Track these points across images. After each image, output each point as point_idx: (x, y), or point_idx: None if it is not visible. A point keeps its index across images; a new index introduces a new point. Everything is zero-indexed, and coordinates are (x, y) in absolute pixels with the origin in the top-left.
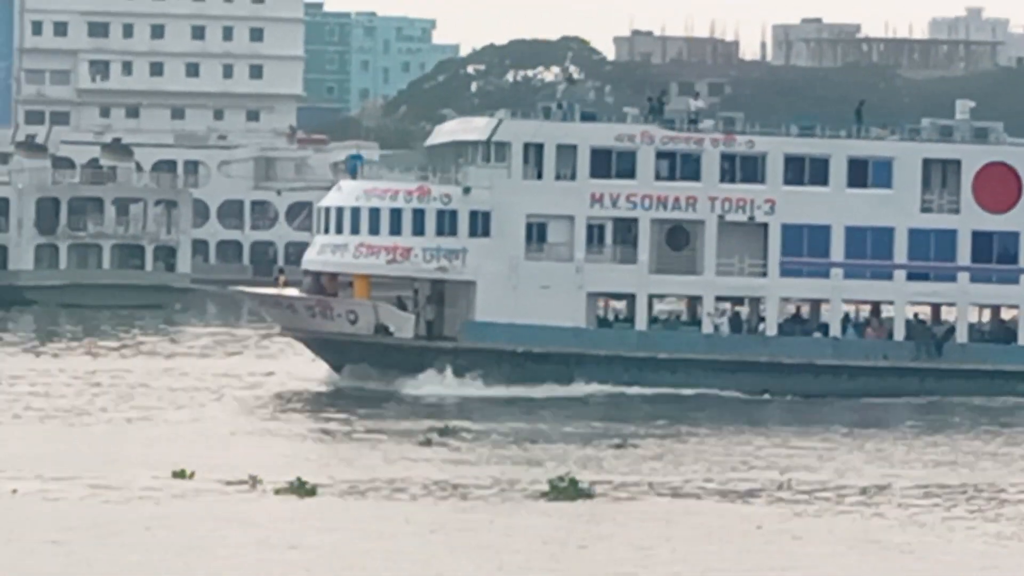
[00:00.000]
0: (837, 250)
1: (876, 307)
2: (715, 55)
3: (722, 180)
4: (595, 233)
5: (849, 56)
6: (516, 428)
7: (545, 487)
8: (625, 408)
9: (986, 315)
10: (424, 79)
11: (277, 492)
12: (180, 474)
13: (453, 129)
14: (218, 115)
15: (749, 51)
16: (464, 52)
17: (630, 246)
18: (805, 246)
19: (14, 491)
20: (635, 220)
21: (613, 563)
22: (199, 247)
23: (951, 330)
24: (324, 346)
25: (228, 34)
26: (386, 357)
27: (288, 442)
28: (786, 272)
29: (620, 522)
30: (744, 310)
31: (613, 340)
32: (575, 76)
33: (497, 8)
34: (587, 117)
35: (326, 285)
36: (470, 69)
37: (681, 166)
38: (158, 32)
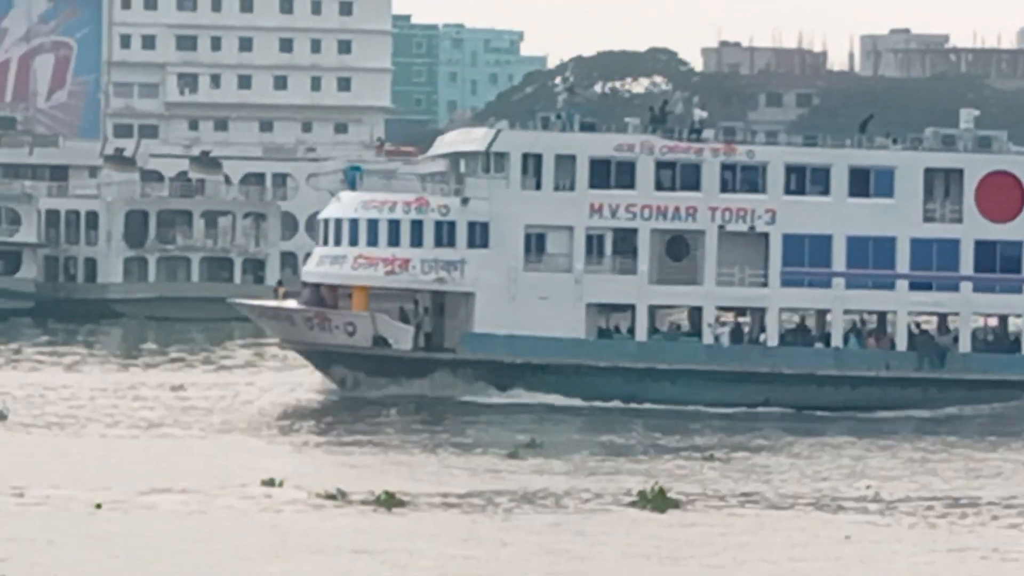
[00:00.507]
0: (839, 260)
1: (883, 317)
2: (803, 66)
3: (722, 190)
4: (594, 243)
5: (937, 66)
6: (601, 440)
7: (634, 497)
8: (703, 420)
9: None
10: (512, 91)
11: (364, 504)
12: (269, 482)
13: (453, 140)
14: (306, 127)
15: (837, 62)
16: (552, 63)
17: (630, 257)
18: (806, 256)
19: (98, 505)
20: (635, 230)
21: (705, 571)
22: (287, 259)
23: (954, 340)
24: (322, 358)
25: (316, 46)
26: (384, 368)
27: (371, 454)
28: (787, 282)
29: (709, 532)
30: (745, 321)
31: (613, 351)
32: (574, 86)
33: (585, 19)
34: (587, 127)
35: (326, 297)
36: (558, 81)
37: (681, 176)
38: (246, 45)
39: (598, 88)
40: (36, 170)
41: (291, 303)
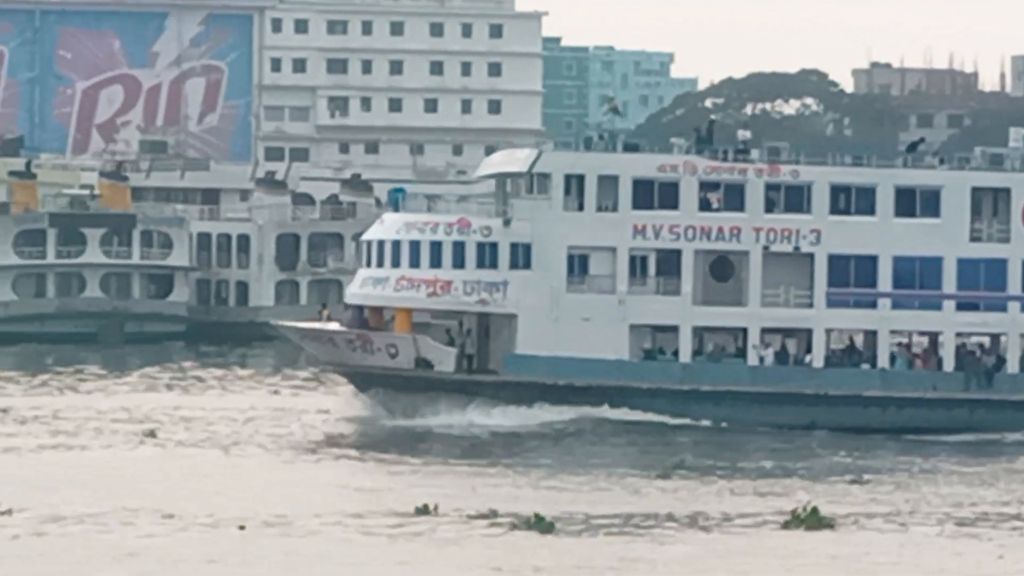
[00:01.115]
0: (885, 280)
1: (935, 338)
2: (954, 86)
3: (767, 210)
4: (638, 265)
5: None
6: (749, 463)
7: (787, 517)
8: (858, 441)
9: None
10: (662, 112)
11: (515, 527)
12: (423, 510)
13: (499, 161)
14: (457, 150)
15: (988, 82)
16: (702, 85)
17: (673, 277)
18: (852, 276)
19: (241, 527)
20: (678, 251)
21: None
22: None
23: (1001, 360)
24: (365, 380)
25: (466, 69)
26: (427, 390)
27: (523, 475)
28: (833, 303)
29: (858, 551)
30: (791, 342)
31: (657, 373)
32: (617, 106)
33: (735, 41)
34: (630, 148)
35: (370, 319)
36: (708, 102)
37: (725, 196)
38: (396, 68)
39: (748, 110)
40: (187, 194)
41: (334, 325)
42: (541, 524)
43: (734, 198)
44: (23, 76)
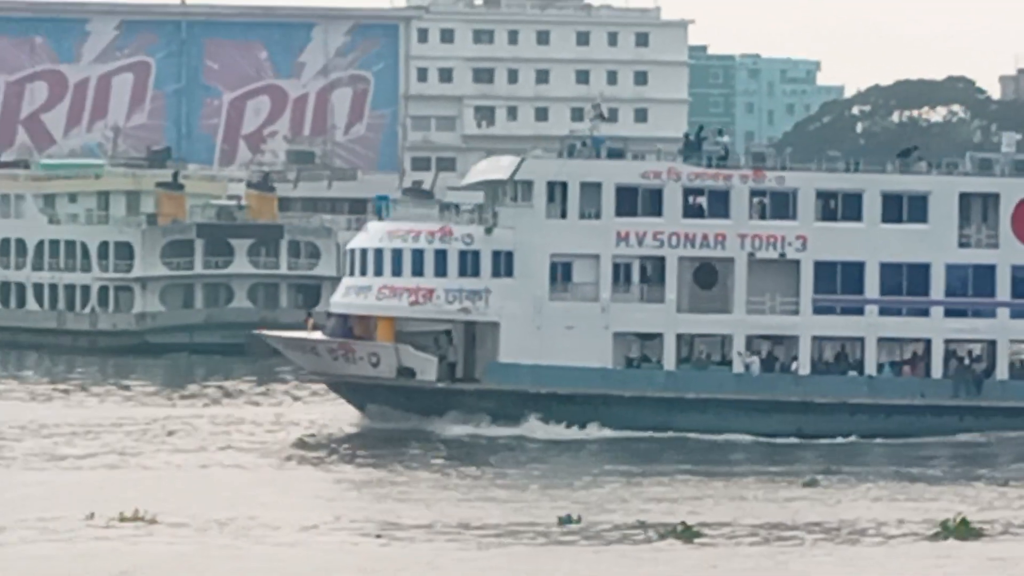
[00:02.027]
0: (872, 287)
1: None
2: None
3: (752, 217)
4: (621, 272)
5: None
6: (896, 469)
7: (936, 528)
8: (999, 447)
9: None
10: (809, 120)
11: (662, 537)
12: (567, 520)
13: (484, 169)
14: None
15: None
16: (849, 93)
17: (657, 285)
18: (838, 283)
19: (378, 536)
20: (662, 258)
21: None
22: None
23: (991, 367)
24: (347, 389)
25: (612, 78)
26: (408, 400)
27: (669, 484)
28: (819, 310)
29: (1015, 562)
30: (779, 349)
31: (640, 381)
32: (603, 112)
33: (882, 48)
34: (614, 154)
35: (355, 327)
36: (855, 110)
37: (709, 203)
38: (543, 77)
39: (895, 117)
40: (335, 204)
41: (317, 334)
42: (687, 533)
43: (719, 205)
44: (170, 88)
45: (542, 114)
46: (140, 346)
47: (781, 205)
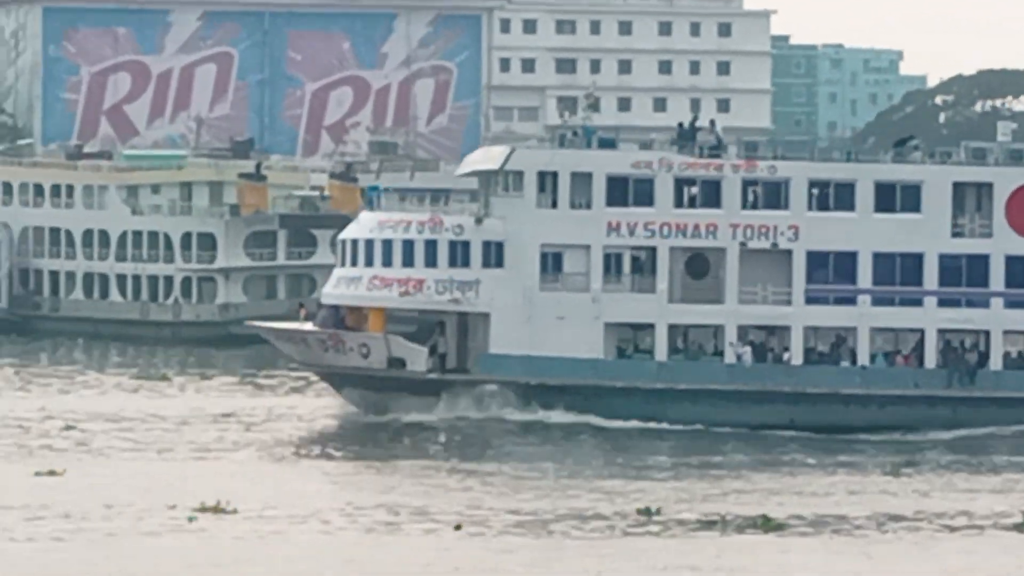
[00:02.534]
0: (864, 277)
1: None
2: None
3: (744, 207)
4: (612, 262)
5: None
6: (982, 458)
7: (1018, 518)
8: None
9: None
10: (892, 110)
11: (740, 530)
12: (645, 511)
13: (477, 159)
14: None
15: None
16: (932, 83)
17: (648, 275)
18: (831, 273)
19: (457, 527)
20: (654, 248)
21: None
22: None
23: (984, 357)
24: (338, 380)
25: (695, 68)
26: (397, 390)
27: (743, 478)
28: (811, 300)
29: None
30: (772, 339)
31: (632, 371)
32: (596, 102)
33: (965, 38)
34: (606, 144)
35: (348, 318)
36: (938, 100)
37: (701, 193)
38: (625, 67)
39: (978, 107)
40: (418, 194)
41: (308, 325)
42: (767, 524)
43: (710, 194)
44: (253, 78)
45: (624, 104)
46: (223, 337)
47: (773, 195)
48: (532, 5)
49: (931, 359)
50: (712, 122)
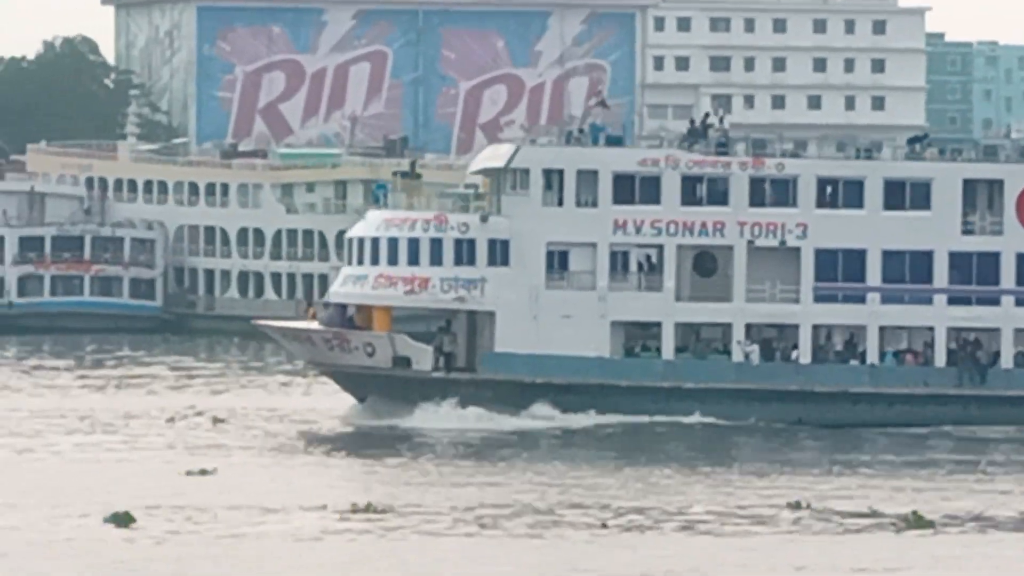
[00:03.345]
0: (873, 275)
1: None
2: None
3: (751, 204)
4: (619, 260)
5: None
6: None
7: None
8: None
9: None
10: None
11: (895, 529)
12: (795, 506)
13: (485, 156)
14: (840, 147)
15: None
16: None
17: (655, 273)
18: (840, 271)
19: (604, 525)
20: (661, 246)
21: None
22: None
23: (995, 355)
24: (343, 379)
25: (850, 66)
26: (403, 389)
27: (891, 475)
28: (820, 298)
29: None
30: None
31: (639, 370)
32: (605, 100)
33: None
34: (613, 141)
35: (356, 317)
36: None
37: (708, 190)
38: (779, 65)
39: None
40: None
41: (314, 324)
42: (920, 522)
43: (718, 192)
44: (407, 77)
45: (779, 102)
46: None
47: (781, 192)
48: (686, 3)
49: (941, 358)
50: (721, 119)
